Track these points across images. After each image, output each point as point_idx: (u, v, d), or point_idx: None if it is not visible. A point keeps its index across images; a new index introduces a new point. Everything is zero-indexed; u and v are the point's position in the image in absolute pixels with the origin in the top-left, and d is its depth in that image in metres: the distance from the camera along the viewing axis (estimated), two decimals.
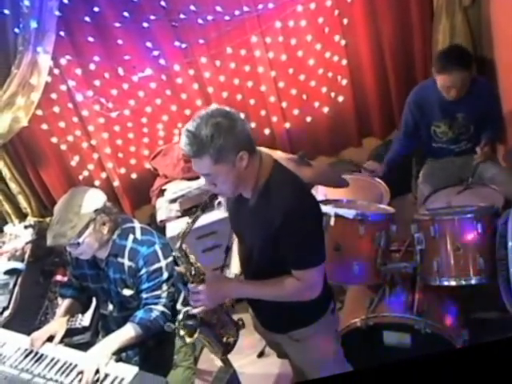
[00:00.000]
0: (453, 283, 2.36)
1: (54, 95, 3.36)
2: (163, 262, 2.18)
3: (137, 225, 2.29)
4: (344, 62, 3.64)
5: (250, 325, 2.20)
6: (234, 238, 2.07)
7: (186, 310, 1.87)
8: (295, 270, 1.76)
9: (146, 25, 3.25)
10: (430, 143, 3.09)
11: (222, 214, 3.15)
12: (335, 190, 2.66)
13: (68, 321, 2.37)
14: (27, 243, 3.22)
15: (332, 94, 3.72)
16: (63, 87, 3.37)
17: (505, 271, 2.21)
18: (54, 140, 3.48)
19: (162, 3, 3.23)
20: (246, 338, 2.08)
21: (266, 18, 3.40)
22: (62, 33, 3.17)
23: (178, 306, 2.27)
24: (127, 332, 2.13)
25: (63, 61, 3.28)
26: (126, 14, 3.20)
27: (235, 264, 2.06)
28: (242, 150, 1.64)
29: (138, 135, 3.63)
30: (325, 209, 2.38)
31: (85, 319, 2.81)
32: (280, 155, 2.08)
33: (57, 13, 3.03)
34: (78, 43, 3.27)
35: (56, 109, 3.40)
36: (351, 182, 2.48)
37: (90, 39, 3.25)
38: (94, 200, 2.14)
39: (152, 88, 3.47)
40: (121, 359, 2.18)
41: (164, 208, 3.40)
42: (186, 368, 2.35)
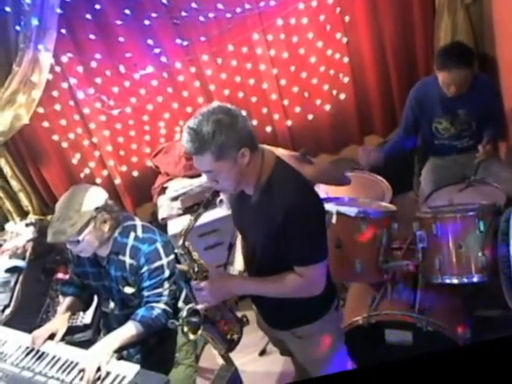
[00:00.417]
0: (455, 281, 2.36)
1: (55, 93, 3.36)
2: (165, 260, 2.17)
3: (138, 223, 2.28)
4: (346, 59, 3.63)
5: (252, 323, 2.19)
6: (238, 235, 2.07)
7: (189, 306, 1.86)
8: (298, 267, 1.76)
9: (147, 22, 3.25)
10: (433, 141, 3.09)
11: (223, 211, 3.15)
12: (337, 187, 2.65)
13: (69, 319, 2.37)
14: (28, 241, 3.22)
15: (334, 92, 3.71)
16: (64, 85, 3.37)
17: (507, 269, 2.21)
18: (56, 138, 3.48)
19: (164, 1, 3.23)
20: (247, 336, 2.07)
21: (268, 16, 3.40)
22: (63, 30, 3.16)
23: (180, 303, 2.27)
24: (128, 330, 2.13)
25: (64, 58, 3.28)
26: (127, 11, 3.20)
27: (239, 261, 2.05)
28: (244, 147, 1.64)
29: (139, 133, 3.63)
30: (326, 207, 2.37)
31: (86, 317, 2.80)
32: (282, 152, 2.07)
33: (58, 10, 3.04)
34: (79, 41, 3.27)
35: (57, 106, 3.40)
36: (353, 180, 2.48)
37: (92, 37, 3.25)
38: (95, 198, 2.13)
39: (153, 86, 3.47)
40: (122, 357, 2.18)
41: (165, 206, 3.40)
42: (188, 366, 2.35)
